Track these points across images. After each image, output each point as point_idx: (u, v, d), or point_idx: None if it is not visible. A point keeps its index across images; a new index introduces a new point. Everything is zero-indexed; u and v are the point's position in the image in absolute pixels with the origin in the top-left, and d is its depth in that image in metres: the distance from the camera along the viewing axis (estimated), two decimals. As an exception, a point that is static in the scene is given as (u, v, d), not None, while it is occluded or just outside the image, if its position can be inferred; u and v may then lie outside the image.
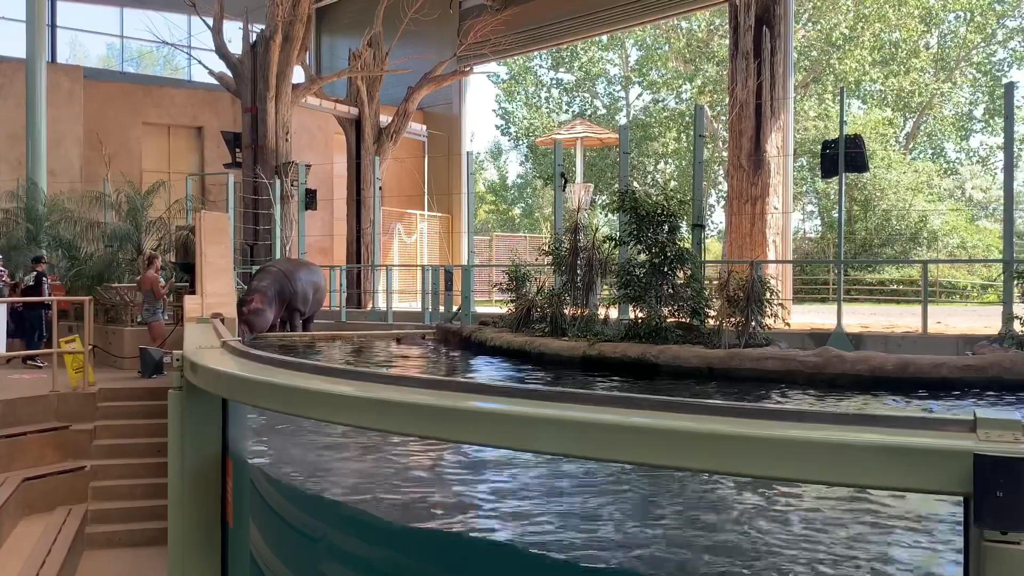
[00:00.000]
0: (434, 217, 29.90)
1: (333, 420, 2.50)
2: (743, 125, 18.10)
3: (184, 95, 27.36)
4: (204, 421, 3.16)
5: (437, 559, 2.37)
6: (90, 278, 15.68)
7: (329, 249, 26.44)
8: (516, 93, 49.54)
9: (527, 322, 13.19)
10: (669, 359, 10.40)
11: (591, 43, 43.91)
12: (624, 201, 12.58)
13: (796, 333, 12.68)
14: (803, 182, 37.01)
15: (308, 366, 2.55)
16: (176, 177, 23.00)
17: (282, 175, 21.65)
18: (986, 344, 10.55)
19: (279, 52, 21.94)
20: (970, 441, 1.44)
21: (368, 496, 5.20)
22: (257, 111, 22.17)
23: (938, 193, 37.65)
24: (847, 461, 1.51)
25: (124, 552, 8.47)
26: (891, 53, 38.50)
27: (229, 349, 3.18)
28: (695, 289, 12.00)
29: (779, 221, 18.07)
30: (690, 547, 4.11)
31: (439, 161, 30.44)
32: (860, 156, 13.40)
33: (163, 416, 3.35)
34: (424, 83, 25.66)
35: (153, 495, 8.87)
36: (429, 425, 2.05)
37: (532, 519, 4.71)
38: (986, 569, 1.38)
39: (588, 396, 1.89)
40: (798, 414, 1.66)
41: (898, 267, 31.44)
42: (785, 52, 18.46)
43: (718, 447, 1.60)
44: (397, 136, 25.65)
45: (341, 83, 26.53)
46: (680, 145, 41.80)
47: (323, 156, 27.08)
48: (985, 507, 1.38)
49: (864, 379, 9.31)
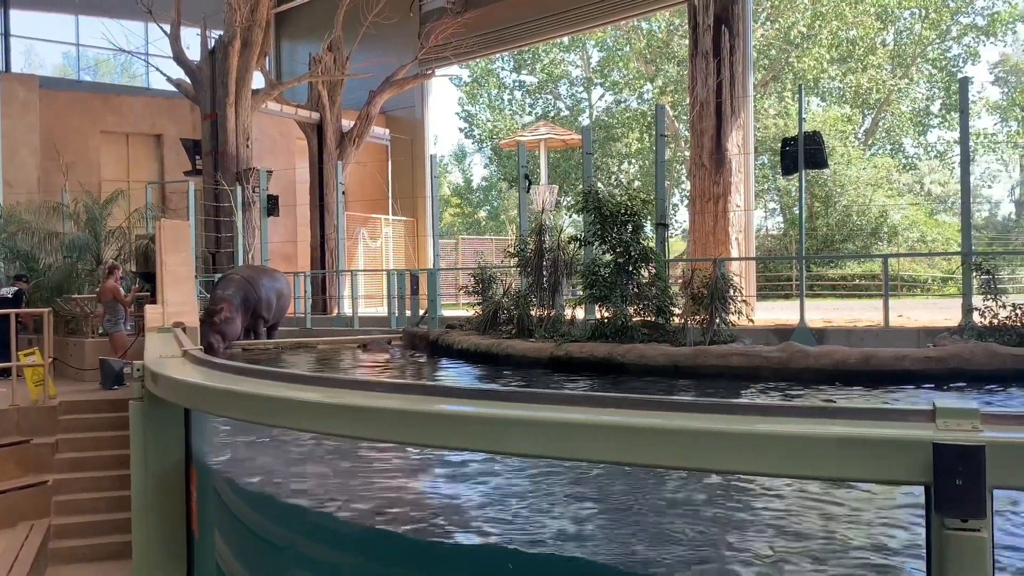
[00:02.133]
0: (399, 221, 29.79)
1: (299, 428, 2.47)
2: (704, 124, 18.23)
3: (142, 103, 27.00)
4: (166, 431, 3.12)
5: (403, 563, 2.36)
6: (49, 290, 15.43)
7: (293, 255, 26.23)
8: (479, 96, 49.54)
9: (494, 324, 13.19)
10: (635, 358, 10.45)
11: (552, 45, 44.01)
12: (588, 201, 12.63)
13: (760, 329, 12.79)
14: (764, 180, 37.37)
15: (272, 373, 2.53)
16: (135, 186, 22.68)
17: (243, 181, 21.46)
18: (946, 336, 10.72)
19: (238, 58, 21.74)
20: (929, 431, 1.46)
21: (333, 501, 5.17)
22: (217, 118, 21.95)
23: (897, 188, 38.18)
24: (811, 454, 1.52)
25: (88, 567, 8.35)
26: (848, 51, 38.99)
27: (190, 358, 3.15)
28: (660, 288, 12.06)
29: (741, 219, 18.22)
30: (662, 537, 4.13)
31: (403, 165, 30.33)
32: (820, 153, 13.54)
33: (125, 428, 3.30)
34: (386, 87, 25.56)
35: (117, 508, 8.75)
36: (398, 430, 2.04)
37: (501, 520, 4.70)
38: (947, 556, 1.40)
39: (556, 396, 1.89)
40: (763, 409, 1.67)
41: (859, 262, 31.84)
42: (744, 51, 18.62)
43: (685, 443, 1.61)
44: (360, 140, 25.51)
45: (302, 88, 26.35)
46: (643, 145, 42.02)
47: (285, 162, 26.86)
48: (945, 495, 1.40)
49: (828, 373, 9.42)
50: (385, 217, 29.45)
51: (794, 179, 14.93)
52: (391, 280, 18.69)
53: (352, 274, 21.06)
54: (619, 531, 4.35)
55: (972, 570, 1.39)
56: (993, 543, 1.38)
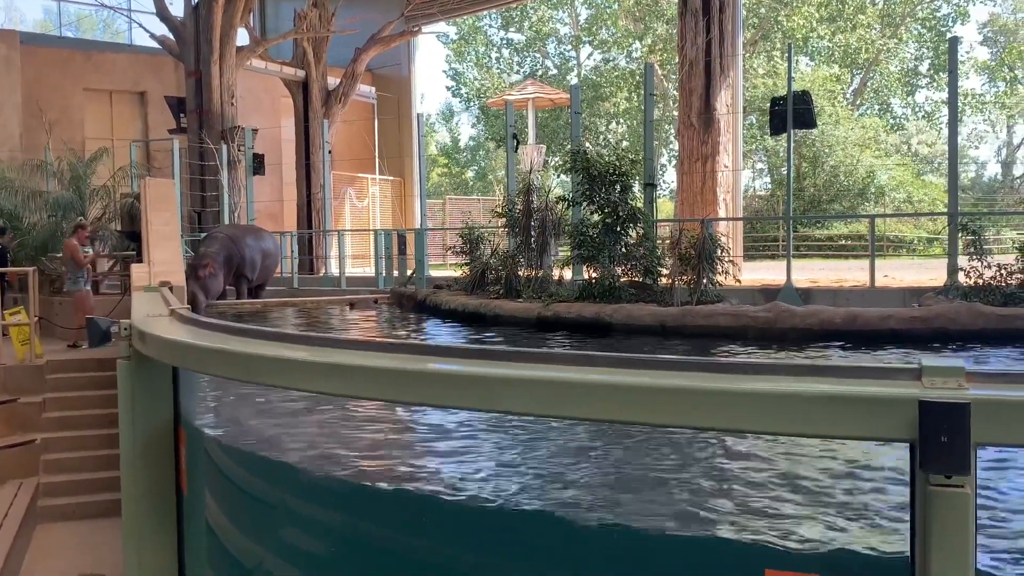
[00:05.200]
0: (386, 181, 29.63)
1: (288, 386, 2.48)
2: (693, 83, 18.13)
3: (126, 60, 26.62)
4: (154, 390, 3.12)
5: (396, 519, 2.38)
6: (34, 248, 15.33)
7: (279, 215, 26.09)
8: (466, 54, 49.07)
9: (482, 284, 13.20)
10: (623, 318, 10.49)
11: (540, 2, 43.57)
12: (576, 162, 12.59)
13: (747, 289, 12.84)
14: (753, 140, 37.28)
15: (260, 332, 2.53)
16: (120, 144, 22.44)
17: (228, 140, 21.28)
18: (932, 296, 10.79)
19: (222, 14, 21.44)
20: (915, 389, 1.47)
21: (323, 459, 5.20)
22: (201, 75, 21.70)
23: (885, 149, 38.18)
24: (797, 411, 1.53)
25: (78, 525, 8.38)
26: (838, 10, 38.76)
27: (178, 317, 3.14)
28: (648, 248, 12.08)
29: (729, 179, 18.20)
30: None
31: (389, 124, 30.11)
32: (808, 113, 13.52)
33: (113, 386, 3.30)
34: (372, 44, 25.29)
35: (105, 466, 8.77)
36: (387, 388, 2.05)
37: (490, 478, 4.75)
38: (932, 513, 1.42)
39: (546, 355, 1.90)
40: (750, 367, 1.68)
41: (846, 222, 31.91)
42: (734, 9, 18.48)
43: (673, 401, 1.62)
44: (345, 99, 25.29)
45: (287, 45, 26.03)
46: (631, 104, 41.80)
47: (270, 120, 26.62)
48: (930, 453, 1.41)
49: (814, 332, 9.49)
50: (372, 177, 29.29)
51: (782, 139, 14.92)
52: (378, 240, 18.64)
53: (339, 234, 20.98)
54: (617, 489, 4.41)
55: (956, 525, 1.41)
56: (976, 499, 1.40)
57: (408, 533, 2.28)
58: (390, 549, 2.32)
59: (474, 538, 2.22)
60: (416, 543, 2.27)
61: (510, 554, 2.14)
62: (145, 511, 3.10)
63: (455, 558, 2.20)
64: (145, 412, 3.09)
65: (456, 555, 2.21)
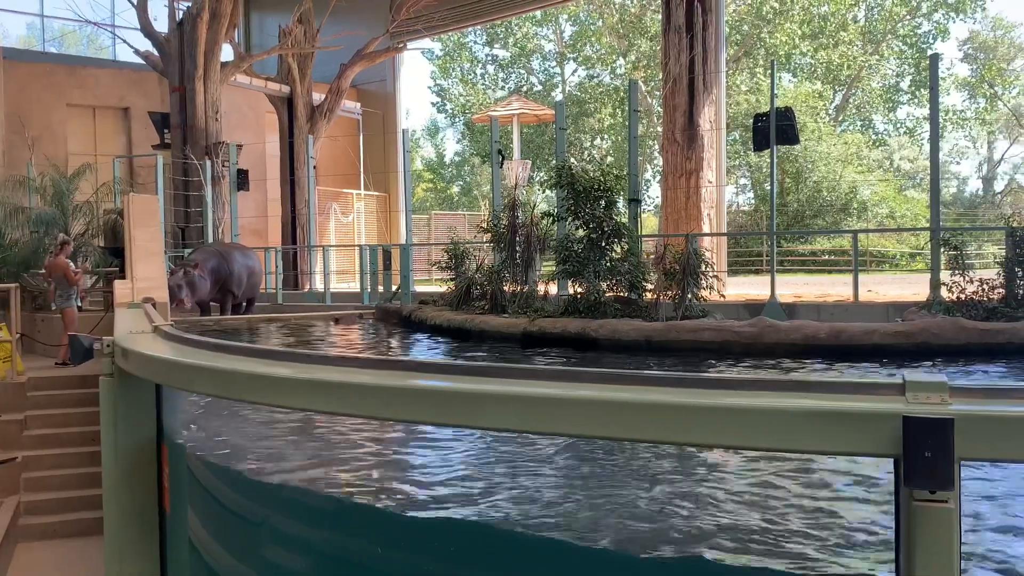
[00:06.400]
0: (371, 196, 29.61)
1: (272, 403, 2.46)
2: (677, 100, 18.23)
3: (109, 75, 26.55)
4: (137, 408, 3.10)
5: (380, 537, 2.37)
6: (16, 264, 15.22)
7: (263, 230, 26.02)
8: (451, 70, 49.21)
9: (467, 300, 13.18)
10: (608, 333, 10.49)
11: (525, 19, 43.75)
12: (561, 177, 12.61)
13: (731, 304, 12.88)
14: (736, 156, 37.50)
15: (244, 349, 2.51)
16: (103, 160, 22.35)
17: (213, 155, 21.22)
18: (915, 311, 10.85)
19: (207, 30, 21.42)
20: (899, 404, 1.47)
21: (308, 476, 5.17)
22: (185, 91, 21.66)
23: (867, 164, 38.47)
24: (783, 427, 1.54)
25: (59, 543, 8.30)
26: (820, 26, 39.11)
27: (161, 334, 3.12)
28: (632, 263, 12.10)
29: (713, 194, 18.29)
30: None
31: (374, 139, 30.11)
32: (791, 129, 13.61)
33: (95, 404, 3.28)
34: (357, 60, 25.31)
35: (88, 484, 8.70)
36: (371, 405, 2.04)
37: (478, 495, 4.73)
38: (916, 528, 1.42)
39: (531, 371, 1.89)
40: (735, 382, 1.68)
41: (829, 237, 32.10)
42: (717, 26, 18.62)
43: (658, 417, 1.62)
44: (331, 114, 25.29)
45: (271, 61, 26.02)
46: (615, 120, 41.99)
47: (255, 136, 26.58)
48: (914, 468, 1.42)
49: (798, 347, 9.52)
50: (357, 192, 29.26)
51: (765, 155, 15.02)
52: (363, 255, 18.61)
53: (324, 249, 20.94)
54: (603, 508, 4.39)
55: (940, 541, 1.41)
56: (960, 514, 1.40)
57: (390, 549, 2.27)
58: (370, 566, 2.31)
59: (461, 554, 2.21)
60: (398, 560, 2.26)
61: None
62: (127, 529, 3.07)
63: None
64: (128, 430, 3.07)
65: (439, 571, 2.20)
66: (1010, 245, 10.96)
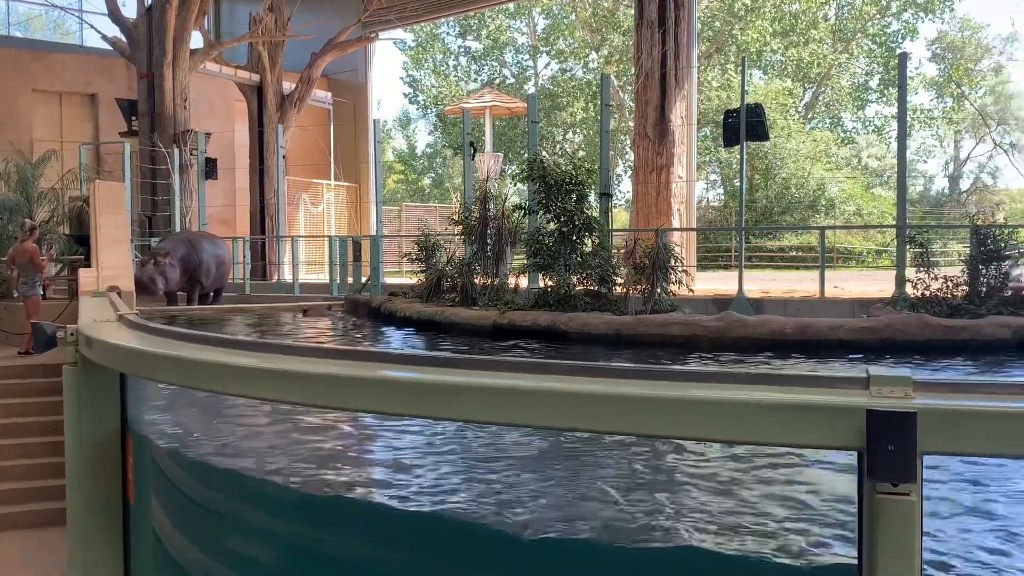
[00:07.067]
0: (341, 187, 29.43)
1: (238, 393, 2.44)
2: (648, 95, 18.28)
3: (76, 61, 26.14)
4: (101, 397, 3.06)
5: (344, 527, 2.36)
6: (-22, 252, 14.98)
7: (231, 220, 25.78)
8: (424, 61, 48.99)
9: (437, 292, 13.14)
10: (578, 326, 10.51)
11: (498, 11, 43.65)
12: (533, 170, 12.61)
13: (700, 299, 12.94)
14: (707, 151, 37.68)
15: (210, 338, 2.49)
16: (69, 146, 22.02)
17: (181, 144, 21.00)
18: (880, 307, 10.97)
19: (176, 16, 21.16)
20: (863, 398, 1.49)
21: (273, 467, 5.14)
22: (153, 77, 21.39)
23: (835, 162, 38.82)
24: (749, 420, 1.55)
25: (22, 534, 8.20)
26: (791, 24, 39.36)
27: (126, 322, 3.08)
28: (603, 257, 12.13)
29: (683, 190, 18.38)
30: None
31: (345, 129, 29.91)
32: (761, 125, 13.69)
33: (59, 393, 3.23)
34: (328, 49, 25.14)
35: (51, 474, 8.60)
36: (339, 396, 2.03)
37: (442, 487, 4.72)
38: (879, 520, 1.44)
39: (500, 363, 1.89)
40: (702, 375, 1.69)
41: (797, 234, 32.38)
42: (689, 22, 18.68)
43: (626, 409, 1.62)
44: (301, 104, 25.10)
45: (241, 49, 25.76)
46: (588, 115, 42.03)
47: (224, 124, 26.30)
48: (877, 461, 1.43)
49: (765, 342, 9.59)
50: (327, 182, 29.08)
51: (735, 151, 15.10)
52: (333, 246, 18.50)
53: (293, 240, 20.80)
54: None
55: (902, 532, 1.43)
56: (922, 507, 1.42)
57: (355, 541, 2.26)
58: (336, 557, 2.30)
59: (422, 548, 2.20)
60: (362, 551, 2.25)
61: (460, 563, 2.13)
62: (91, 519, 3.03)
63: (401, 566, 2.19)
64: (92, 419, 3.03)
65: (403, 563, 2.19)
66: (974, 243, 11.10)
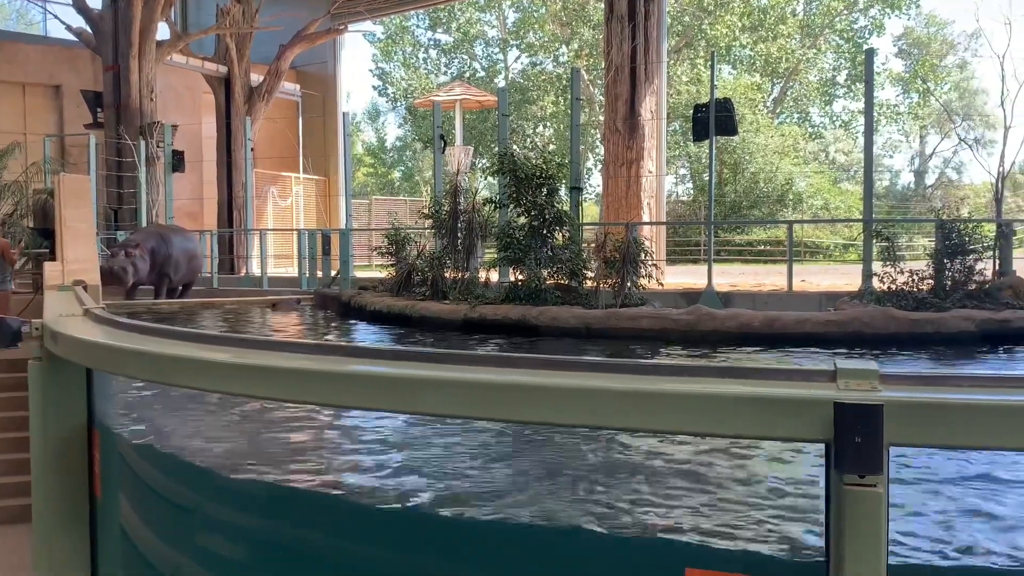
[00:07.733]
0: (310, 180, 29.24)
1: (207, 388, 2.42)
2: (618, 89, 18.31)
3: (40, 52, 25.72)
4: (67, 392, 3.02)
5: (314, 521, 2.35)
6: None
7: (199, 213, 25.53)
8: (393, 53, 48.73)
9: (408, 286, 13.12)
10: (549, 320, 10.55)
11: (468, 4, 43.54)
12: (503, 164, 12.61)
13: (670, 293, 13.02)
14: (676, 146, 37.84)
15: (178, 332, 2.46)
16: (33, 139, 21.74)
17: (147, 136, 20.77)
18: (847, 300, 11.10)
19: (142, 7, 20.91)
20: (831, 390, 1.50)
21: (243, 462, 5.11)
22: (119, 69, 21.14)
23: (803, 156, 39.13)
24: (716, 412, 1.56)
25: (-15, 532, 8.07)
26: (760, 19, 39.59)
27: (92, 317, 3.05)
28: (573, 251, 12.17)
29: (653, 184, 18.43)
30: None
31: (314, 122, 29.72)
32: (730, 120, 13.79)
33: (24, 389, 3.19)
34: (297, 41, 24.96)
35: (15, 471, 8.46)
36: (309, 390, 2.01)
37: (418, 481, 4.72)
38: (846, 511, 1.46)
39: (469, 356, 1.89)
40: (670, 368, 1.70)
41: (765, 228, 32.61)
42: (659, 16, 18.72)
43: (594, 402, 1.63)
44: (269, 96, 24.91)
45: (209, 41, 25.52)
46: (558, 109, 42.04)
47: (191, 116, 26.03)
48: (844, 453, 1.45)
49: (733, 335, 9.68)
50: (296, 175, 28.88)
51: (705, 146, 15.18)
52: (302, 240, 18.40)
53: (261, 233, 20.65)
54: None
55: (868, 523, 1.45)
56: (888, 498, 1.44)
57: (327, 537, 2.25)
58: (308, 554, 2.29)
59: (398, 543, 2.20)
60: (336, 547, 2.25)
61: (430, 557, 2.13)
62: (57, 517, 3.00)
63: (371, 559, 2.18)
64: (57, 415, 3.00)
65: (380, 559, 2.19)
66: (940, 237, 11.26)
